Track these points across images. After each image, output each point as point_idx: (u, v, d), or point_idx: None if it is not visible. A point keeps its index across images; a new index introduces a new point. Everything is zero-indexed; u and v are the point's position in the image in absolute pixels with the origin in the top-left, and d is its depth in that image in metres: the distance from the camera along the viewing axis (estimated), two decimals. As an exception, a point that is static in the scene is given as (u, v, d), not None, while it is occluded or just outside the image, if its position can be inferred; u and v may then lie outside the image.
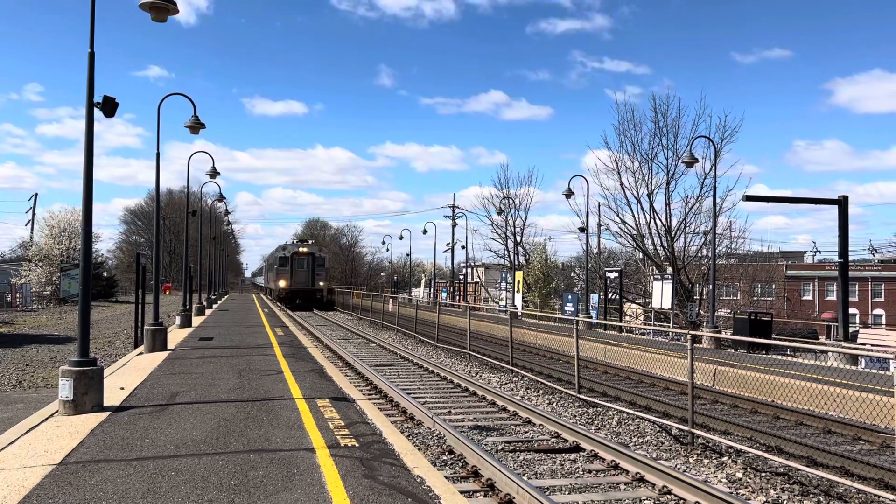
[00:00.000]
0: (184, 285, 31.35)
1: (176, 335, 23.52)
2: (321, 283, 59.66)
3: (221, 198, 41.64)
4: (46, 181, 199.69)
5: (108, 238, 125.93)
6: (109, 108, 10.42)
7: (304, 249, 60.40)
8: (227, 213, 61.50)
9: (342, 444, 8.31)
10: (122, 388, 12.14)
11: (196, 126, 20.18)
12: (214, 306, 49.52)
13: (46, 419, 9.64)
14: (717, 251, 28.17)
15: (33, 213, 78.59)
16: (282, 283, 58.71)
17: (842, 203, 22.78)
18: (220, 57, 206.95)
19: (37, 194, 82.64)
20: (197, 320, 31.77)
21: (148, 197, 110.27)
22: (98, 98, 10.37)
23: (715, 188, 26.54)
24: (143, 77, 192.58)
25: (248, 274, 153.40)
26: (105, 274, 78.06)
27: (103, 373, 10.66)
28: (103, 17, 11.10)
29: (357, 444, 8.36)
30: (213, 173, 29.83)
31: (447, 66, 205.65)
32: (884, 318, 71.50)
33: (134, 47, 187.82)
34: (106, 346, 26.14)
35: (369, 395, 14.34)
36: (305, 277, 59.00)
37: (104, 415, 9.85)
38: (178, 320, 28.46)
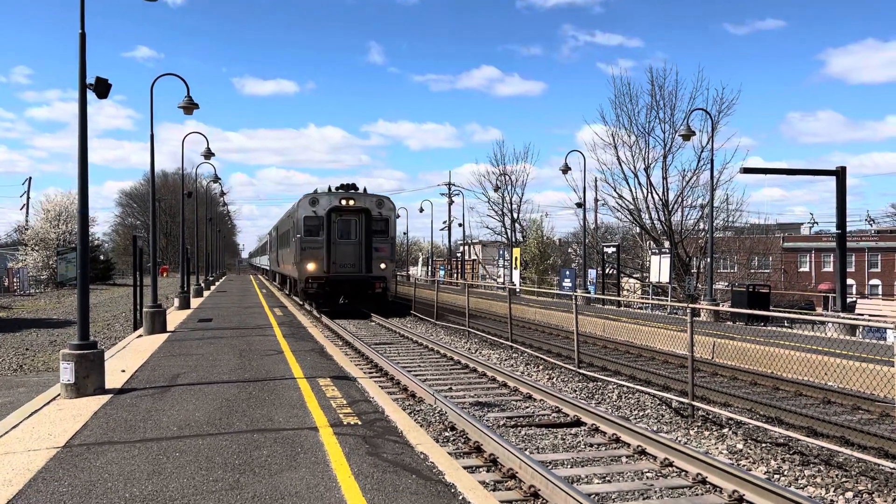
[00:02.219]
0: (181, 267, 31.29)
1: (175, 317, 23.52)
2: (383, 266, 29.60)
3: (217, 179, 41.48)
4: (39, 164, 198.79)
5: (103, 221, 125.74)
6: (102, 89, 10.31)
7: (352, 202, 29.58)
8: (222, 193, 61.20)
9: (345, 423, 8.34)
10: (123, 371, 12.15)
11: (190, 106, 19.99)
12: (212, 288, 49.49)
13: (48, 403, 9.65)
14: (714, 224, 28.15)
15: (28, 197, 78.16)
16: (310, 267, 28.74)
17: (839, 174, 22.73)
18: (209, 36, 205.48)
19: (31, 178, 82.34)
20: (195, 302, 31.78)
21: (143, 179, 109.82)
22: (90, 79, 10.26)
23: (712, 161, 26.48)
24: (132, 58, 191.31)
25: (244, 255, 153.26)
26: (102, 257, 77.81)
27: (104, 356, 10.66)
28: (90, -2, 10.96)
29: (360, 422, 8.38)
30: (208, 154, 29.62)
31: (437, 42, 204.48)
32: (880, 288, 71.80)
33: (121, 28, 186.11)
34: (105, 329, 26.14)
35: (370, 373, 14.37)
36: (355, 255, 29.62)
37: (106, 397, 9.86)
38: (176, 302, 28.44)
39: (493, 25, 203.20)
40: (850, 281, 57.25)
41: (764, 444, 9.27)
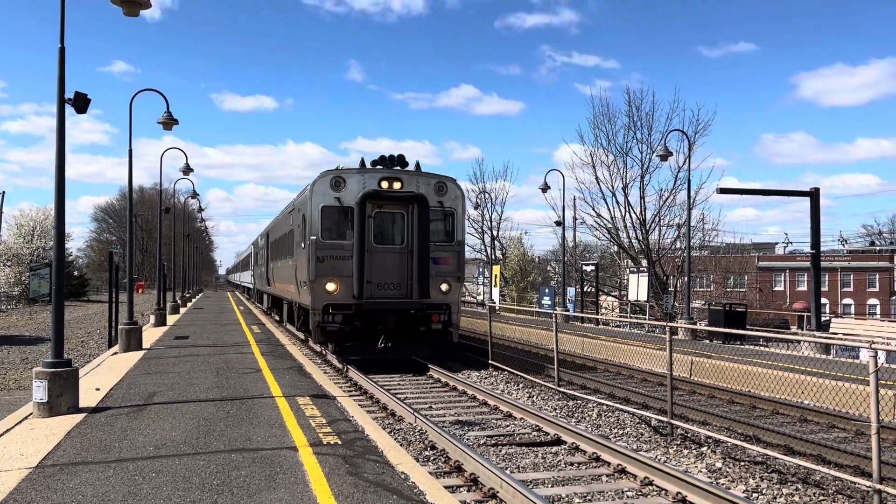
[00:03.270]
0: (158, 284, 30.97)
1: (151, 334, 23.22)
2: (444, 289, 18.00)
3: (195, 195, 41.20)
4: (12, 178, 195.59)
5: (78, 237, 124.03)
6: (81, 104, 10.22)
7: (399, 186, 17.56)
8: (200, 209, 60.70)
9: (325, 442, 8.26)
10: (98, 389, 11.95)
11: (169, 122, 19.88)
12: (189, 304, 48.97)
13: (20, 422, 9.46)
14: (691, 243, 28.44)
15: (0, 212, 77.11)
16: (329, 287, 17.08)
17: (813, 195, 23.11)
18: (187, 52, 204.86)
19: (3, 192, 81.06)
20: (172, 319, 31.40)
21: (119, 194, 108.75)
22: (69, 94, 10.17)
23: (689, 181, 26.81)
24: (108, 73, 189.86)
25: (222, 271, 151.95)
26: (76, 273, 76.79)
27: (78, 374, 10.49)
28: (67, 12, 10.92)
29: (340, 442, 8.31)
30: (187, 170, 29.45)
31: (417, 60, 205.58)
32: (853, 307, 72.84)
33: (98, 42, 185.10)
34: (79, 346, 25.74)
35: (349, 391, 14.27)
36: (402, 270, 17.65)
37: (80, 416, 9.69)
38: (152, 319, 28.09)
39: (471, 45, 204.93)
40: (823, 300, 58.09)
41: (742, 463, 9.32)
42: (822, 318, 24.53)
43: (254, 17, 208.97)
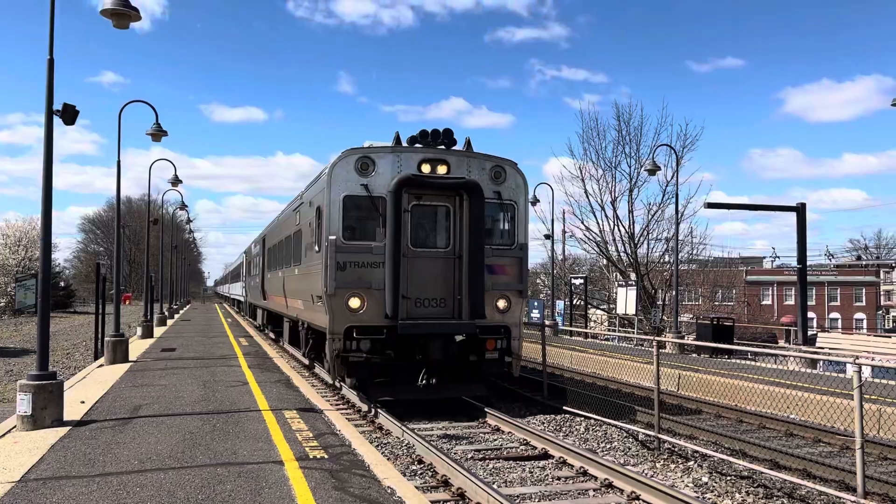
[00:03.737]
0: (145, 295, 30.80)
1: (137, 346, 23.07)
2: (502, 305, 13.62)
3: (183, 206, 41.03)
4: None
5: (64, 247, 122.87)
6: (70, 115, 10.21)
7: (444, 169, 13.32)
8: (188, 220, 60.44)
9: (311, 456, 8.23)
10: (83, 402, 11.85)
11: (158, 133, 19.87)
12: (176, 316, 48.69)
13: (4, 435, 9.37)
14: (679, 257, 28.61)
15: (-13, 222, 76.48)
16: (353, 303, 12.80)
17: (800, 210, 23.29)
18: (177, 63, 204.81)
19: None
20: (159, 331, 31.20)
21: (106, 205, 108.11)
22: (57, 105, 10.16)
23: (677, 195, 27.00)
24: (97, 83, 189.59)
25: (210, 283, 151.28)
26: (62, 284, 76.25)
27: (63, 386, 10.41)
28: (56, 22, 10.93)
29: (326, 456, 8.28)
30: (175, 181, 29.38)
31: (407, 73, 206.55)
32: (840, 321, 73.29)
33: (87, 53, 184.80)
34: (65, 358, 25.55)
35: (337, 405, 14.21)
36: (447, 281, 13.36)
37: (64, 430, 9.60)
38: (139, 331, 27.91)
39: (461, 58, 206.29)
40: (810, 314, 58.44)
41: (729, 477, 9.35)
42: (809, 333, 24.69)
43: (244, 29, 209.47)
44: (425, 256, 13.26)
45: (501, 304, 13.53)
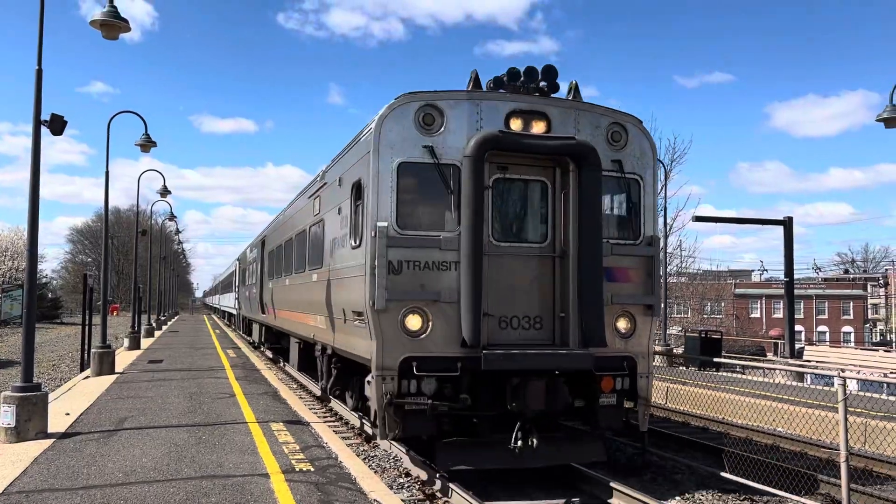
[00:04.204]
0: (133, 306, 30.62)
1: (124, 358, 22.91)
2: (623, 328, 9.65)
3: (172, 217, 40.97)
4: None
5: (52, 258, 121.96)
6: (57, 126, 10.20)
7: (540, 127, 9.34)
8: (177, 231, 60.21)
9: (297, 469, 8.19)
10: (68, 414, 11.75)
11: (147, 144, 19.86)
12: (164, 328, 48.42)
13: (-13, 447, 9.27)
14: (668, 270, 28.74)
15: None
16: (411, 323, 8.77)
17: (787, 224, 23.48)
18: (166, 73, 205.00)
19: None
20: (146, 342, 31.00)
21: (95, 216, 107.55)
22: (45, 116, 10.14)
23: (665, 209, 27.20)
24: (87, 93, 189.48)
25: (199, 294, 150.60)
26: (50, 295, 75.73)
27: (48, 398, 10.34)
28: (45, 32, 10.95)
29: (312, 469, 8.24)
30: (164, 192, 29.32)
31: (398, 85, 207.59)
32: (827, 334, 73.68)
33: (77, 62, 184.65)
34: (51, 369, 25.34)
35: (324, 417, 14.14)
36: (542, 290, 9.43)
37: (49, 442, 9.52)
38: (126, 342, 27.72)
39: (452, 71, 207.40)
40: (798, 327, 58.66)
41: (715, 492, 9.36)
42: (797, 346, 24.81)
43: (234, 40, 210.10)
44: (512, 255, 9.37)
45: (623, 324, 9.57)
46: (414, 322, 8.74)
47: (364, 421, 11.60)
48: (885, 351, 32.36)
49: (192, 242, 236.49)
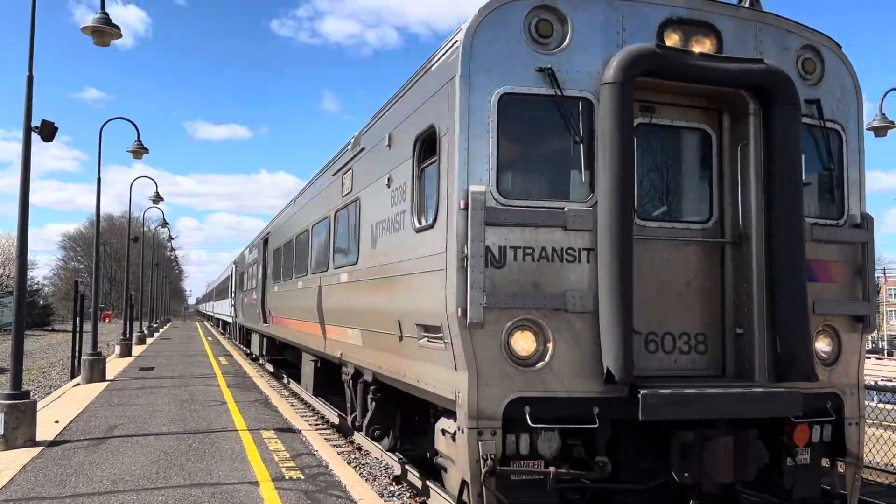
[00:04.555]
0: (124, 313, 30.50)
1: (115, 365, 22.80)
2: (826, 346, 6.60)
3: (165, 223, 40.86)
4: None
5: (44, 265, 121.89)
6: (48, 132, 10.17)
7: (708, 45, 6.21)
8: (170, 238, 60.00)
9: (287, 477, 8.16)
10: (57, 422, 11.69)
11: (139, 151, 19.84)
12: (156, 335, 48.24)
13: (-26, 455, 9.21)
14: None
15: (-35, 239, 75.69)
16: (521, 346, 5.81)
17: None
18: (160, 80, 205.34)
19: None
20: (138, 349, 30.87)
21: (87, 222, 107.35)
22: (36, 122, 10.12)
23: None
24: (80, 99, 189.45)
25: (191, 301, 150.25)
26: (41, 302, 75.44)
27: (36, 406, 10.28)
28: (37, 38, 10.97)
29: (302, 476, 8.21)
30: (157, 199, 29.24)
31: (392, 93, 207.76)
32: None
33: (70, 69, 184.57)
34: (41, 377, 25.22)
35: (316, 424, 14.10)
36: (709, 292, 6.51)
37: (37, 450, 9.46)
38: (117, 350, 27.60)
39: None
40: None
41: None
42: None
43: (228, 47, 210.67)
44: (665, 239, 6.56)
45: (824, 344, 6.69)
46: (525, 343, 5.85)
47: (433, 488, 7.75)
48: (878, 358, 32.45)
49: (186, 249, 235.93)
